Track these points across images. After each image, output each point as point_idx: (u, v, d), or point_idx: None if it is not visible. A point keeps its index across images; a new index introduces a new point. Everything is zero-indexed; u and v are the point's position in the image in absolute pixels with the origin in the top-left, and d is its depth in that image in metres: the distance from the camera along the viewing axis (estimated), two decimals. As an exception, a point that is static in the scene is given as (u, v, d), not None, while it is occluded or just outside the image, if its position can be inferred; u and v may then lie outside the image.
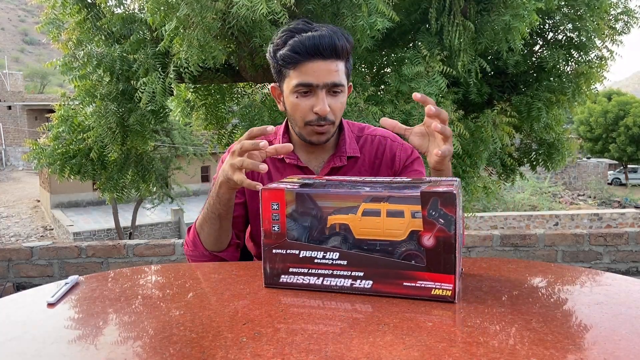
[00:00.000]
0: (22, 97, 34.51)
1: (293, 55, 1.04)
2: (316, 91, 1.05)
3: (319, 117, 1.07)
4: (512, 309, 0.66)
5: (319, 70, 1.04)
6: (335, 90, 1.07)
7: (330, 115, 1.08)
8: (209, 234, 1.10)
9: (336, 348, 0.56)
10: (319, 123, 1.08)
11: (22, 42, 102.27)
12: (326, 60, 1.04)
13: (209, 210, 1.07)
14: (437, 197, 0.68)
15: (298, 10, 3.29)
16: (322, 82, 1.04)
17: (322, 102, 1.05)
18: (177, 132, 11.14)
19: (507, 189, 13.91)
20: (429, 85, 3.40)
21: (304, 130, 1.11)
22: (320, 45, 1.02)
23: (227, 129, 5.15)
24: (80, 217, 18.37)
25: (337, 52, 1.05)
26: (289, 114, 1.13)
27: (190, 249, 1.14)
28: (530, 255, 3.20)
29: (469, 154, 4.00)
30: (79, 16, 4.01)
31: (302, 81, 1.05)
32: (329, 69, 1.05)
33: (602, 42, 4.23)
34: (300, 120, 1.09)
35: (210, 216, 1.07)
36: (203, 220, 1.10)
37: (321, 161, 1.19)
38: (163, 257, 3.17)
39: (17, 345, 0.60)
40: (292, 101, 1.08)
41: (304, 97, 1.07)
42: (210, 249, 1.12)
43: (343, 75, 1.08)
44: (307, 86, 1.05)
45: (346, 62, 1.10)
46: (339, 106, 1.10)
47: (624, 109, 27.27)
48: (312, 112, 1.07)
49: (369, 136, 1.23)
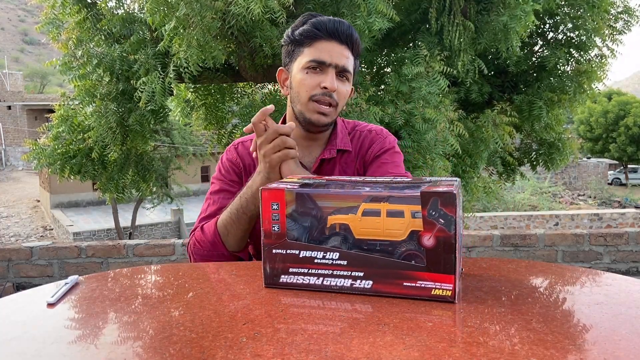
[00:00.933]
0: (22, 97, 34.51)
1: (313, 30, 1.09)
2: (327, 70, 1.09)
3: (325, 92, 1.09)
4: (512, 309, 0.66)
5: (333, 50, 1.09)
6: (343, 75, 1.12)
7: (335, 96, 1.11)
8: (235, 235, 1.09)
9: (336, 348, 0.56)
10: (324, 98, 1.10)
11: (22, 42, 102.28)
12: (342, 44, 1.10)
13: (239, 212, 1.07)
14: (437, 197, 0.68)
15: (297, 10, 3.29)
16: (334, 61, 1.09)
17: (332, 79, 1.09)
18: (177, 132, 11.15)
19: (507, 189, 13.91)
20: (429, 85, 3.40)
21: (306, 106, 1.11)
22: (339, 28, 1.09)
23: (227, 129, 5.15)
24: (80, 217, 18.38)
25: (352, 41, 1.10)
26: (293, 93, 1.14)
27: (207, 249, 1.12)
28: (530, 255, 3.20)
29: (469, 154, 4.00)
30: (79, 16, 4.01)
31: (316, 58, 1.09)
32: (343, 52, 1.10)
33: (602, 41, 4.23)
34: (305, 95, 1.11)
35: (242, 217, 1.07)
36: (229, 221, 1.09)
37: (314, 157, 1.20)
38: (163, 257, 3.17)
39: (17, 345, 0.60)
40: (300, 77, 1.11)
41: (314, 73, 1.10)
42: (232, 249, 1.12)
43: (352, 66, 1.13)
44: (320, 63, 1.09)
45: (355, 59, 1.15)
46: (344, 92, 1.13)
47: (624, 109, 27.28)
48: (320, 87, 1.09)
49: (359, 131, 1.25)
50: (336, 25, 1.09)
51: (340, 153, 1.20)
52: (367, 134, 1.24)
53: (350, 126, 1.26)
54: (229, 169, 1.22)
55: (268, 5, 2.81)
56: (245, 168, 1.21)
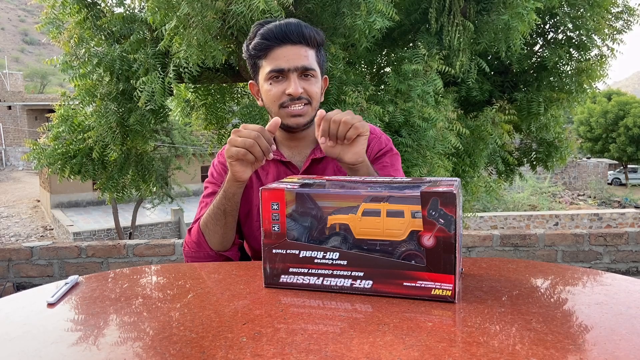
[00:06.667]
0: (22, 97, 34.49)
1: (263, 42, 1.10)
2: (288, 75, 1.10)
3: (291, 98, 1.10)
4: (512, 309, 0.66)
5: (288, 55, 1.09)
6: (307, 74, 1.12)
7: (305, 95, 1.11)
8: (214, 231, 1.10)
9: (336, 348, 0.56)
10: (292, 103, 1.11)
11: (22, 42, 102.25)
12: (295, 45, 1.10)
13: (215, 207, 1.08)
14: (437, 197, 0.68)
15: (297, 10, 3.29)
16: (292, 65, 1.09)
17: (294, 84, 1.09)
18: (177, 132, 11.14)
19: (507, 188, 13.89)
20: (426, 85, 3.40)
21: (279, 114, 1.12)
22: (287, 30, 1.09)
23: (227, 129, 5.15)
24: (80, 217, 18.37)
25: (304, 38, 1.10)
26: (266, 105, 1.16)
27: (193, 250, 1.14)
28: (530, 255, 3.20)
29: (468, 153, 4.00)
30: (79, 16, 4.01)
31: (274, 67, 1.10)
32: (298, 53, 1.10)
33: (602, 40, 4.23)
34: (274, 105, 1.12)
35: (216, 212, 1.08)
36: (208, 218, 1.10)
37: (304, 156, 1.20)
38: (163, 257, 3.17)
39: (17, 345, 0.60)
40: (266, 89, 1.12)
41: (277, 82, 1.11)
42: (217, 248, 1.12)
43: (314, 62, 1.13)
44: (279, 71, 1.10)
45: (317, 51, 1.15)
46: (314, 89, 1.13)
47: (624, 109, 27.26)
48: (285, 94, 1.10)
49: None
50: (283, 28, 1.08)
51: None
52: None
53: None
54: (220, 172, 1.23)
55: (268, 5, 2.81)
56: None
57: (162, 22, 3.31)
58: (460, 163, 4.02)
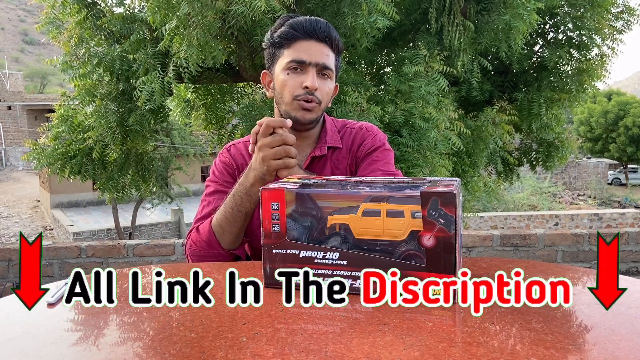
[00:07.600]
0: (22, 97, 34.49)
1: (290, 31, 1.11)
2: (307, 69, 1.11)
3: (307, 92, 1.11)
4: (512, 309, 0.66)
5: (312, 49, 1.10)
6: (324, 73, 1.13)
7: (318, 94, 1.12)
8: (231, 232, 1.10)
9: (336, 348, 0.56)
10: (306, 97, 1.11)
11: (22, 42, 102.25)
12: (320, 42, 1.11)
13: (234, 210, 1.07)
14: (437, 197, 0.68)
15: (298, 9, 3.29)
16: (314, 60, 1.10)
17: (312, 78, 1.10)
18: (177, 132, 11.13)
19: (507, 188, 13.88)
20: (428, 85, 3.40)
21: (290, 106, 1.13)
22: (316, 27, 1.10)
23: (227, 129, 5.15)
24: (80, 217, 18.38)
25: (330, 39, 1.12)
26: (277, 94, 1.16)
27: (203, 249, 1.12)
28: (530, 255, 3.20)
29: (468, 153, 4.00)
30: (79, 16, 4.01)
31: (296, 58, 1.10)
32: (321, 51, 1.11)
33: (602, 40, 4.24)
34: (288, 95, 1.12)
35: (236, 214, 1.07)
36: (224, 219, 1.09)
37: (304, 155, 1.21)
38: (163, 257, 3.17)
39: (17, 345, 0.60)
40: (282, 79, 1.13)
41: (294, 73, 1.12)
42: (228, 247, 1.12)
43: (332, 64, 1.14)
44: (300, 63, 1.10)
45: (336, 56, 1.16)
46: (327, 90, 1.14)
47: (624, 109, 27.26)
48: (301, 87, 1.11)
49: (349, 128, 1.27)
50: (313, 24, 1.10)
51: (330, 150, 1.21)
52: (358, 131, 1.25)
53: (340, 124, 1.28)
54: (222, 170, 1.23)
55: (269, 5, 2.81)
56: (238, 169, 1.22)
57: (162, 22, 3.31)
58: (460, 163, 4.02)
